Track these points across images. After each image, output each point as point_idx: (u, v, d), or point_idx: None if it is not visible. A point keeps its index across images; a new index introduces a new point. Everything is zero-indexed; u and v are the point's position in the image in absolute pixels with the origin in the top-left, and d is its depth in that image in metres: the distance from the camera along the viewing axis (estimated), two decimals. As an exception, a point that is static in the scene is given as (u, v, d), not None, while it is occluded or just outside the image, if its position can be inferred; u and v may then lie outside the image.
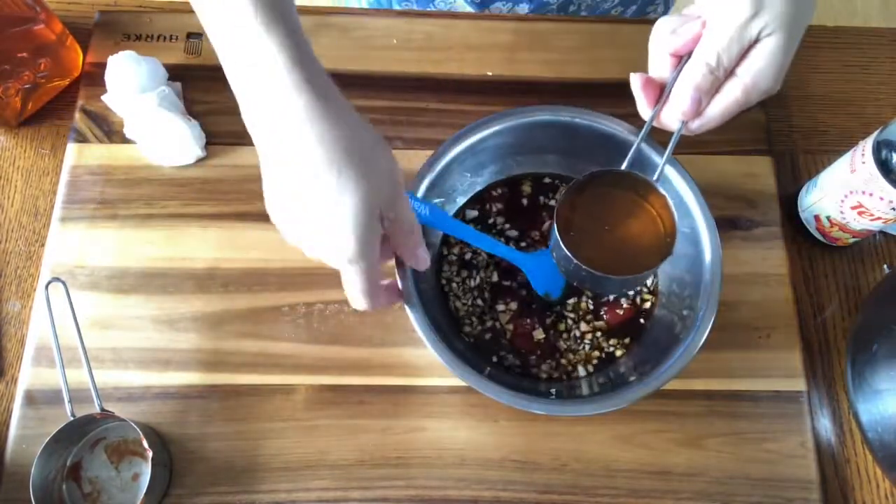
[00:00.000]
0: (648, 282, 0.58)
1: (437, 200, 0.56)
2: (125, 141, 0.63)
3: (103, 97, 0.62)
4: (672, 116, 0.45)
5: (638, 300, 0.58)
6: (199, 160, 0.62)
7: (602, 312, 0.58)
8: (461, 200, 0.60)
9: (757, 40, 0.41)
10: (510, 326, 0.57)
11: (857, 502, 0.55)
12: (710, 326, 0.50)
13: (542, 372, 0.56)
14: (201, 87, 0.65)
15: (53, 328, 0.51)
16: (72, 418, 0.50)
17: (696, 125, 0.44)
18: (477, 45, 0.68)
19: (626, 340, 0.57)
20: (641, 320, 0.57)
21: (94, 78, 0.64)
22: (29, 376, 0.56)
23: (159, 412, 0.55)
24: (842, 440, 0.57)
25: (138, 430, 0.50)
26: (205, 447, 0.55)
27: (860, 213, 0.54)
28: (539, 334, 0.57)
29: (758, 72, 0.42)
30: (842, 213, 0.56)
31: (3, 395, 0.56)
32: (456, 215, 0.59)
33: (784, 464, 0.55)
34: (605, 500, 0.54)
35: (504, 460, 0.55)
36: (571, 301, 0.58)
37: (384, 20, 0.69)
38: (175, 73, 0.64)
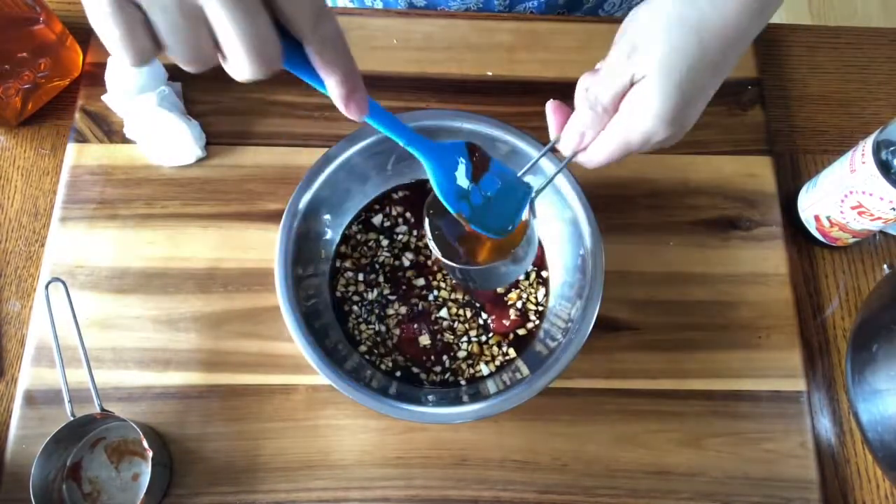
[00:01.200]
0: (540, 295, 0.58)
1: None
2: (125, 141, 0.63)
3: (103, 97, 0.62)
4: (565, 146, 0.45)
5: (526, 308, 0.58)
6: (199, 160, 0.62)
7: (489, 321, 0.57)
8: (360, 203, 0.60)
9: (633, 83, 0.41)
10: (397, 331, 0.57)
11: (857, 502, 0.55)
12: (579, 347, 0.50)
13: (428, 377, 0.56)
14: (201, 87, 0.64)
15: (53, 328, 0.51)
16: (72, 418, 0.50)
17: (583, 159, 0.45)
18: (476, 46, 0.68)
19: (510, 351, 0.57)
20: (526, 330, 0.57)
21: (94, 78, 0.64)
22: (29, 376, 0.56)
23: (159, 412, 0.55)
24: (842, 440, 0.57)
25: (138, 430, 0.50)
26: (205, 447, 0.55)
27: (860, 213, 0.54)
28: (424, 340, 0.57)
29: (633, 114, 0.41)
30: (842, 213, 0.56)
31: (3, 395, 0.56)
32: (357, 218, 0.60)
33: (784, 464, 0.55)
34: (604, 500, 0.54)
35: (504, 460, 0.55)
36: (457, 309, 0.58)
37: (384, 20, 0.69)
38: (175, 73, 0.64)
